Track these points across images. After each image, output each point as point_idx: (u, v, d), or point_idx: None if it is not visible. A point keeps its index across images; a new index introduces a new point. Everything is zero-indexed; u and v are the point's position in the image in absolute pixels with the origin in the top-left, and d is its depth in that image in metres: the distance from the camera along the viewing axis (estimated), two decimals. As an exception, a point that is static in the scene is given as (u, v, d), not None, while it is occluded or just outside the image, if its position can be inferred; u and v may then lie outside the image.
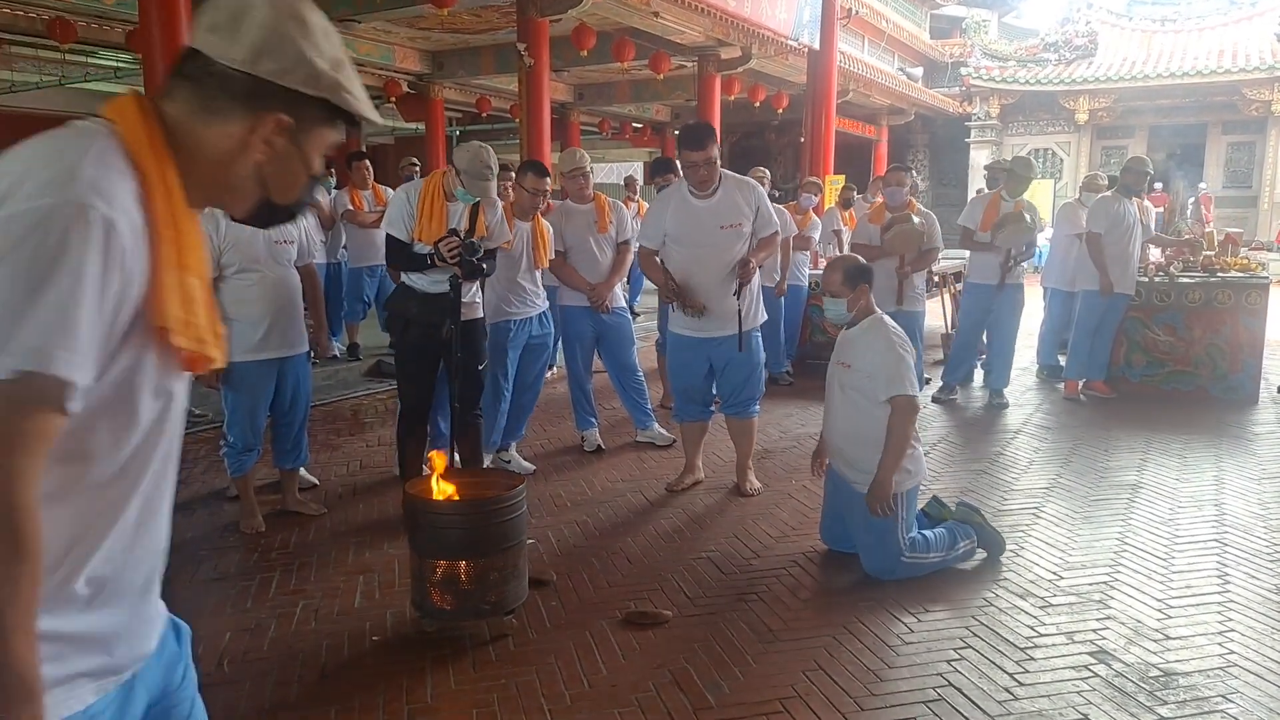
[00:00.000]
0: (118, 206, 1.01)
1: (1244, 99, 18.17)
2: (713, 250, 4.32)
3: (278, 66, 1.14)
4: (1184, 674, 2.89)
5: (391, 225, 4.20)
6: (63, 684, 1.07)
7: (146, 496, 1.15)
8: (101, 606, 1.12)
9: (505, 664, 2.94)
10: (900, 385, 3.55)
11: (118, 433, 1.08)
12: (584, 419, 5.55)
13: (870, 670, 2.89)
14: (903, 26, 19.76)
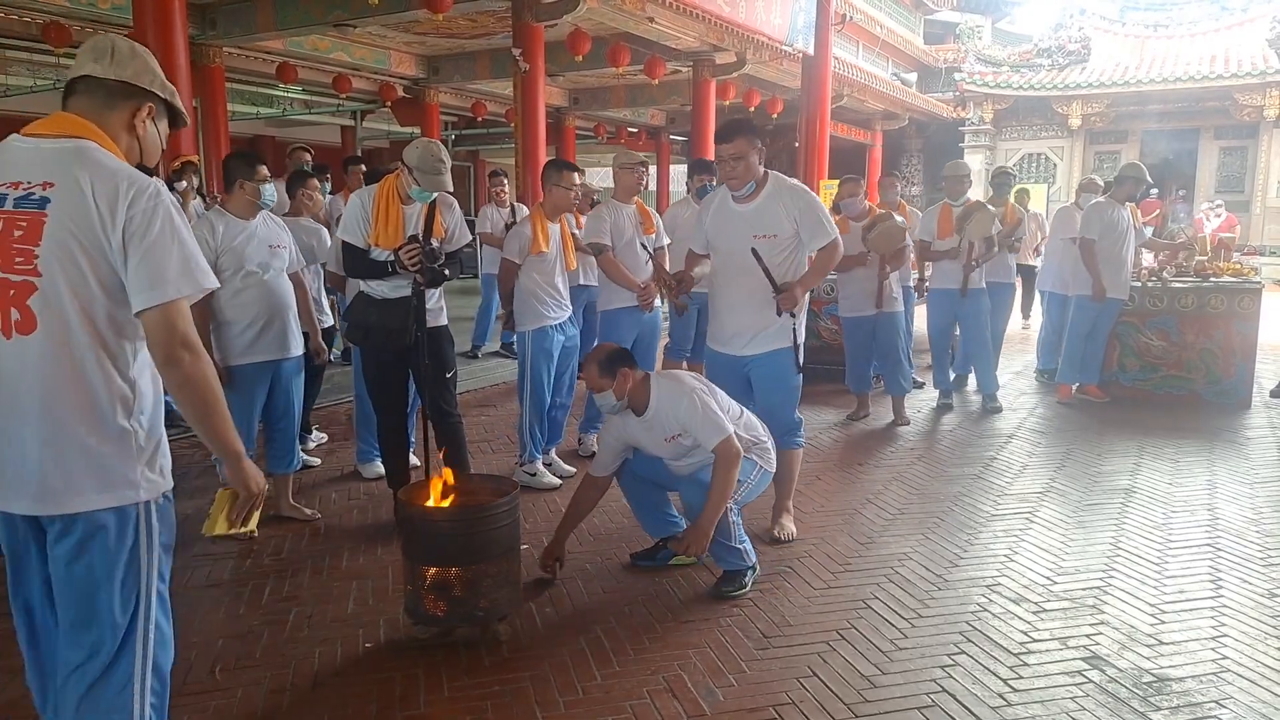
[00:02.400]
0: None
1: (1236, 104, 18.24)
2: (746, 258, 3.80)
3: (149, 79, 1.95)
4: (1177, 679, 2.89)
5: (346, 232, 4.02)
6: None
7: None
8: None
9: (499, 670, 2.93)
10: (717, 432, 3.36)
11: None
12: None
13: (864, 676, 2.89)
14: (896, 32, 19.83)
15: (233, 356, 3.98)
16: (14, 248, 1.76)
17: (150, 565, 1.91)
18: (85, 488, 1.81)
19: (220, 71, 11.28)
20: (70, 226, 1.75)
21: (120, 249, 1.77)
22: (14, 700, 2.79)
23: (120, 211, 1.76)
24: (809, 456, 5.46)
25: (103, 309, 1.79)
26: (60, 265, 1.75)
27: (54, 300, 1.76)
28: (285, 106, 16.34)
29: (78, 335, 1.77)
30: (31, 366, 1.78)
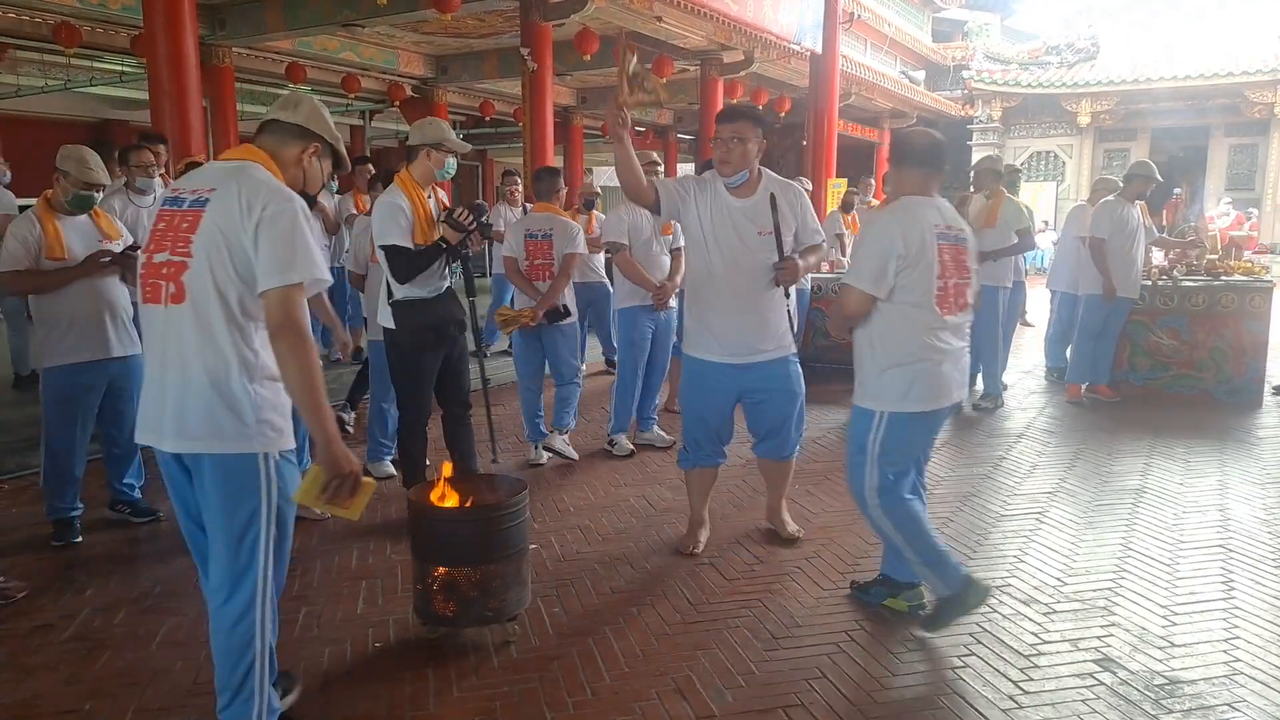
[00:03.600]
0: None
1: (1246, 101, 18.16)
2: (749, 257, 3.62)
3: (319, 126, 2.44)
4: (1189, 682, 2.88)
5: (389, 237, 3.88)
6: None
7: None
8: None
9: (508, 671, 2.93)
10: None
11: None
12: (624, 422, 5.53)
13: (874, 678, 2.89)
14: (904, 30, 19.77)
15: None
16: (180, 235, 2.23)
17: (269, 512, 2.29)
18: (209, 433, 2.22)
19: (230, 72, 11.31)
20: (219, 221, 2.19)
21: (253, 240, 2.18)
22: (26, 700, 2.80)
23: (256, 209, 2.19)
24: (817, 456, 5.46)
25: (235, 289, 2.21)
26: (207, 250, 2.20)
27: (199, 278, 2.20)
28: (294, 106, 16.36)
29: (214, 308, 2.20)
30: (178, 330, 2.23)
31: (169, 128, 6.79)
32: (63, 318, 3.92)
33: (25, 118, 14.46)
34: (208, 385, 2.21)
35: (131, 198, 5.29)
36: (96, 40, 10.61)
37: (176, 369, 2.23)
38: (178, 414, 2.23)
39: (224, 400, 2.22)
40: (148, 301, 2.28)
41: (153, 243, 2.28)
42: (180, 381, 2.23)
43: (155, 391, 2.29)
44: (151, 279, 2.26)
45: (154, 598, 3.51)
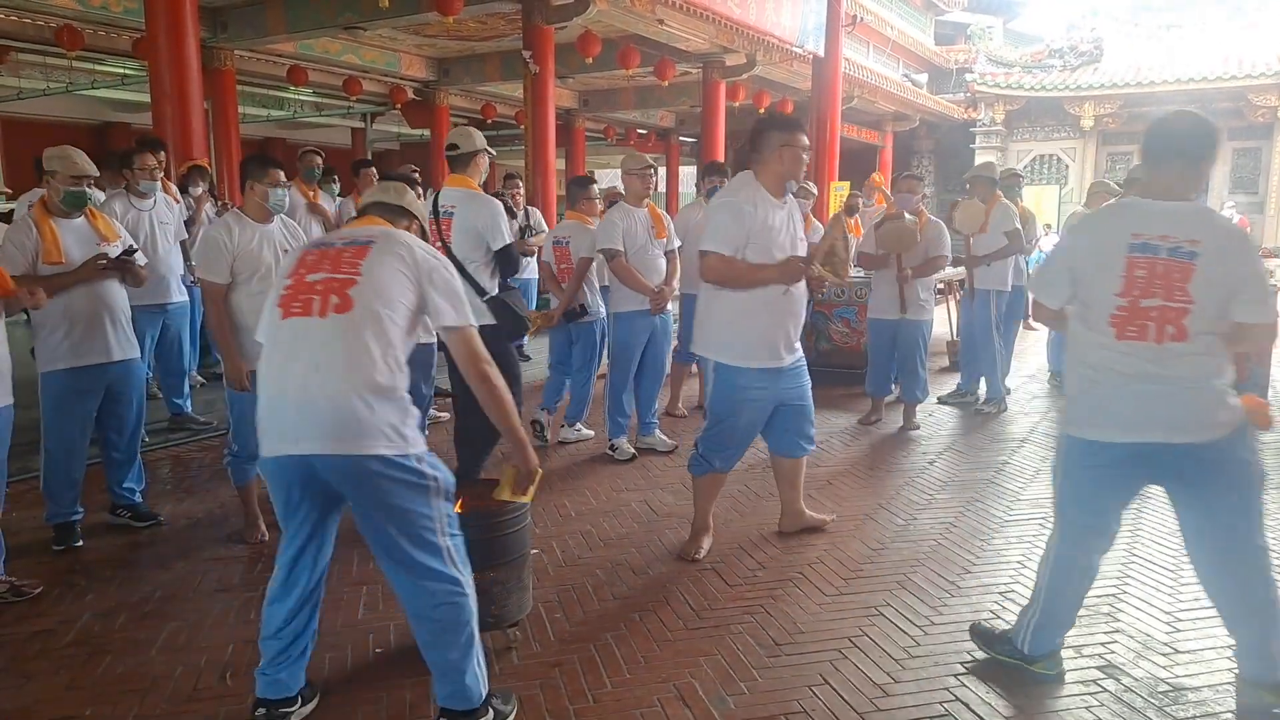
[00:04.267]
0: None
1: (1250, 105, 18.13)
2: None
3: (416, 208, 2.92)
4: (1193, 689, 2.86)
5: (504, 237, 4.28)
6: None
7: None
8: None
9: (510, 678, 2.92)
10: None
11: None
12: (622, 426, 5.53)
13: (877, 685, 2.87)
14: (907, 33, 19.78)
15: (254, 360, 3.95)
16: (343, 263, 2.47)
17: (436, 511, 2.46)
18: (380, 438, 2.35)
19: (231, 74, 11.33)
20: (396, 252, 2.51)
21: (432, 291, 2.50)
22: (26, 705, 2.80)
23: (425, 263, 2.53)
24: (821, 460, 5.45)
25: (407, 316, 2.49)
26: (374, 278, 2.45)
27: (373, 293, 2.41)
28: (296, 109, 16.39)
29: (370, 324, 2.39)
30: (336, 340, 2.37)
31: (170, 130, 6.80)
32: (62, 321, 3.89)
33: (27, 120, 14.50)
34: (361, 392, 2.37)
35: (133, 201, 5.29)
36: (98, 43, 10.63)
37: (334, 374, 2.38)
38: (330, 418, 2.35)
39: (372, 406, 2.38)
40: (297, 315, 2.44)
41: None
42: (335, 387, 2.37)
43: (303, 398, 2.38)
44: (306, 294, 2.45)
45: (154, 603, 3.50)
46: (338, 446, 2.34)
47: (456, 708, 2.50)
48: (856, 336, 7.67)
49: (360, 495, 2.40)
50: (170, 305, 5.55)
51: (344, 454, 2.34)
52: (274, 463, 2.45)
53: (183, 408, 6.00)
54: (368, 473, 2.35)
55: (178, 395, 5.98)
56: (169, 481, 5.04)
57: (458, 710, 2.50)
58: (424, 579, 2.44)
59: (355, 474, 2.36)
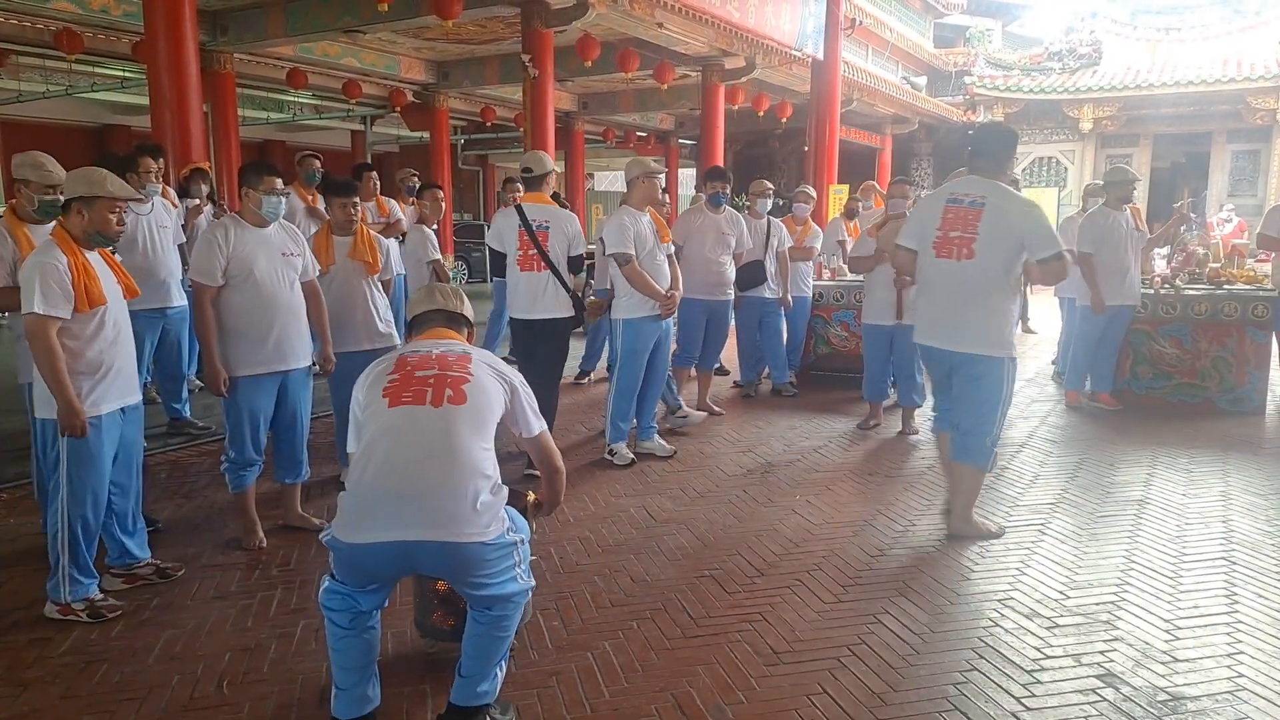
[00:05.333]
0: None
1: (1248, 108, 18.15)
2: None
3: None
4: (1192, 698, 2.85)
5: (584, 244, 5.12)
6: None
7: None
8: None
9: (507, 687, 2.90)
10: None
11: None
12: (623, 431, 5.53)
13: (875, 694, 2.86)
14: (906, 36, 19.80)
15: (239, 366, 3.96)
16: (452, 365, 2.65)
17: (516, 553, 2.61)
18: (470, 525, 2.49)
19: (231, 78, 11.32)
20: (491, 365, 2.75)
21: (513, 401, 2.76)
22: (22, 714, 2.79)
23: (507, 377, 2.75)
24: (820, 465, 5.44)
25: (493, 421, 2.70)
26: (481, 382, 2.66)
27: (480, 395, 2.62)
28: (295, 111, 16.39)
29: (476, 418, 2.60)
30: (445, 432, 2.53)
31: (169, 134, 6.79)
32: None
33: (27, 123, 14.50)
34: (468, 484, 2.53)
35: (131, 206, 5.26)
36: (98, 46, 10.62)
37: (444, 466, 2.52)
38: (438, 506, 2.48)
39: (482, 498, 2.55)
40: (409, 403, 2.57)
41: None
42: (444, 477, 2.51)
43: (417, 486, 2.50)
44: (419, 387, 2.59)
45: (151, 610, 3.49)
46: (446, 535, 2.46)
47: (467, 704, 2.58)
48: (855, 340, 7.66)
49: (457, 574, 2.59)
50: (170, 310, 5.54)
51: (451, 541, 2.47)
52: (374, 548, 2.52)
53: (181, 412, 5.99)
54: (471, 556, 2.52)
55: (176, 400, 5.98)
56: (166, 487, 5.03)
57: (465, 707, 2.58)
58: (496, 605, 2.57)
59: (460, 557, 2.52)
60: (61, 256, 3.24)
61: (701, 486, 5.04)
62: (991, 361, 4.02)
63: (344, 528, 2.49)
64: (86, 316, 3.28)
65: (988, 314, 3.97)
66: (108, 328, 3.38)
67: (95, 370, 3.34)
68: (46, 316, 3.16)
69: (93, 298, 3.28)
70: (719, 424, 6.53)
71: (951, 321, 4.08)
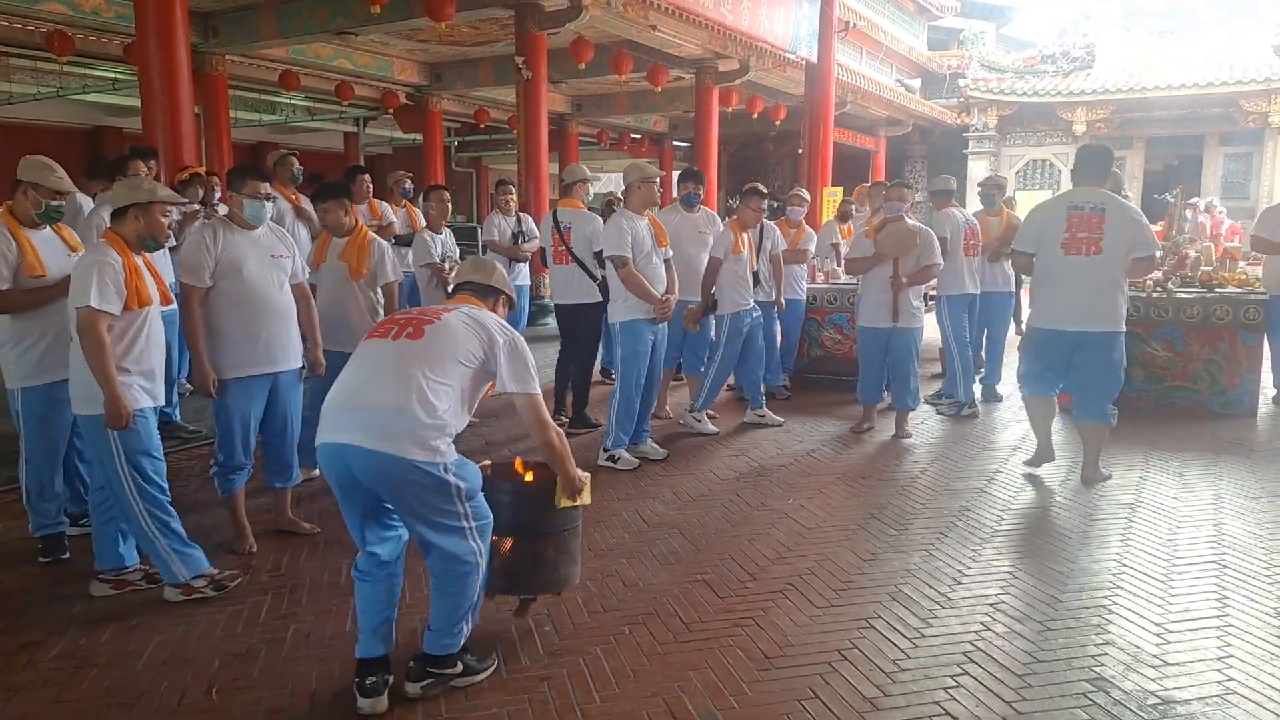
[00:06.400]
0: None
1: (1241, 111, 18.20)
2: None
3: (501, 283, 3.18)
4: (1183, 702, 2.86)
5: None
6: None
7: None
8: None
9: (498, 692, 2.90)
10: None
11: None
12: (623, 437, 5.53)
13: (866, 699, 2.86)
14: (900, 39, 19.82)
15: (227, 369, 3.94)
16: (428, 312, 2.93)
17: (458, 502, 2.78)
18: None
19: (223, 80, 11.29)
20: (476, 319, 2.90)
21: (500, 355, 2.88)
22: (17, 717, 2.77)
23: (500, 336, 2.89)
24: (813, 468, 5.45)
25: (474, 369, 2.86)
26: (449, 325, 2.85)
27: (443, 337, 2.81)
28: (288, 113, 16.35)
29: (439, 359, 2.79)
30: (399, 359, 2.77)
31: (161, 136, 6.76)
32: (41, 336, 3.83)
33: (17, 125, 14.43)
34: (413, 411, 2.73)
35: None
36: (90, 48, 10.59)
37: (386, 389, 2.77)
38: (374, 420, 2.74)
39: (415, 420, 2.72)
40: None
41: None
42: (388, 399, 2.75)
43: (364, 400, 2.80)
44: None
45: (141, 615, 3.48)
46: (373, 444, 2.69)
47: (435, 653, 2.87)
48: (848, 343, 7.67)
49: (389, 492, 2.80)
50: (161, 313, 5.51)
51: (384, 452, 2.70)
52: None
53: (171, 415, 5.97)
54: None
55: (166, 403, 5.94)
56: (158, 490, 5.00)
57: (435, 656, 2.87)
58: (441, 560, 2.81)
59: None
60: (117, 257, 3.42)
61: (694, 490, 5.04)
62: (1118, 336, 5.00)
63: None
64: (133, 315, 3.47)
65: (1114, 298, 4.92)
66: (149, 329, 3.55)
67: (137, 368, 3.50)
68: (100, 311, 3.32)
69: (142, 298, 3.48)
70: (712, 427, 6.52)
71: (1085, 306, 4.91)
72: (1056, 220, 5.03)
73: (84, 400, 3.47)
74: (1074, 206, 4.98)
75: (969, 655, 3.14)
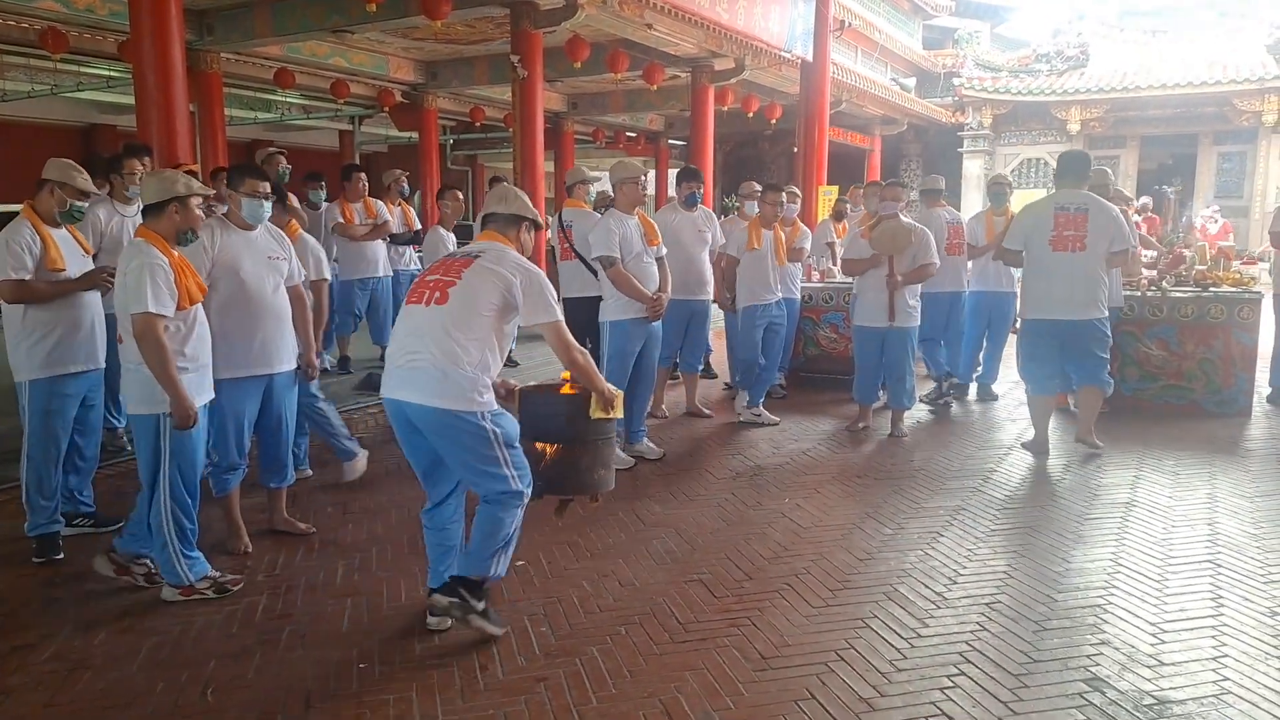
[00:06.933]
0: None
1: (1234, 110, 18.25)
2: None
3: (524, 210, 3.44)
4: (1178, 702, 2.86)
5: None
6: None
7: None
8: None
9: (494, 693, 2.90)
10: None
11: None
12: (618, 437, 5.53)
13: (863, 699, 2.86)
14: (895, 37, 19.83)
15: (223, 369, 3.92)
16: (452, 270, 3.23)
17: (497, 447, 3.15)
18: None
19: (218, 78, 11.24)
20: (491, 267, 3.21)
21: (518, 294, 3.19)
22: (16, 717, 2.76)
23: (515, 276, 3.20)
24: (809, 468, 5.45)
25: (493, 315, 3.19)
26: (469, 283, 3.18)
27: (466, 295, 3.15)
28: (283, 111, 16.30)
29: (465, 317, 3.15)
30: (434, 324, 3.13)
31: (156, 134, 6.73)
32: (52, 330, 3.94)
33: (11, 122, 14.36)
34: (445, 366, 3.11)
35: (117, 207, 5.23)
36: (84, 45, 10.53)
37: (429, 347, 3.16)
38: (425, 380, 3.13)
39: (453, 375, 3.11)
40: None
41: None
42: (430, 358, 3.13)
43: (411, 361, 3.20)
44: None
45: (134, 617, 3.46)
46: (420, 398, 3.12)
47: (467, 574, 3.22)
48: (844, 342, 7.67)
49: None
50: None
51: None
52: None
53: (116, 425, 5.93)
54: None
55: None
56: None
57: (466, 578, 3.21)
58: (487, 495, 3.18)
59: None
60: (162, 256, 3.43)
61: (690, 490, 5.04)
62: (1104, 320, 5.52)
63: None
64: (185, 314, 3.51)
65: (1098, 289, 5.42)
66: (198, 324, 3.61)
67: (191, 365, 3.55)
68: (158, 315, 3.36)
69: (192, 296, 3.52)
70: (707, 426, 6.53)
71: (1073, 297, 5.39)
72: (1045, 220, 5.49)
73: (137, 400, 3.51)
74: (1060, 207, 5.45)
75: (965, 655, 3.15)
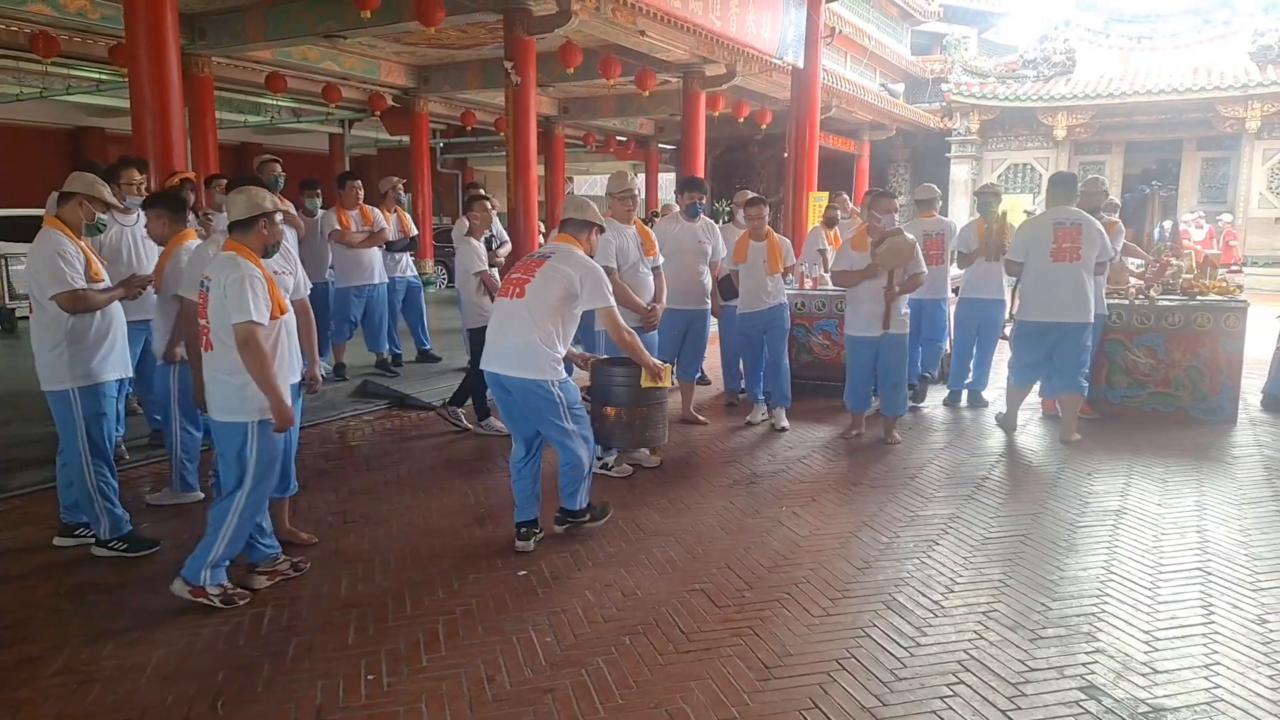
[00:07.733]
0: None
1: (1218, 116, 18.48)
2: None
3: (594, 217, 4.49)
4: (1172, 709, 2.93)
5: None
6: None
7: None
8: None
9: (502, 704, 2.94)
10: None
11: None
12: None
13: (866, 708, 2.92)
14: (884, 43, 19.98)
15: None
16: (530, 269, 4.16)
17: (567, 408, 4.19)
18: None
19: (209, 82, 11.24)
20: (558, 266, 4.13)
21: (579, 287, 4.14)
22: (16, 737, 2.78)
23: (576, 272, 4.13)
24: (803, 476, 5.50)
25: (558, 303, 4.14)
26: (541, 279, 4.13)
27: (538, 290, 4.09)
28: (273, 115, 16.27)
29: (538, 308, 4.09)
30: (517, 313, 4.11)
31: (151, 141, 6.74)
32: (102, 337, 4.08)
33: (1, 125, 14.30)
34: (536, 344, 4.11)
35: (116, 217, 5.24)
36: (74, 49, 10.51)
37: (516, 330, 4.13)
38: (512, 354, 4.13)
39: (539, 349, 4.10)
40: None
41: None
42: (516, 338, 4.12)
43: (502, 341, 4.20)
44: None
45: (142, 628, 3.48)
46: (509, 370, 4.12)
47: (568, 507, 4.43)
48: (837, 349, 7.74)
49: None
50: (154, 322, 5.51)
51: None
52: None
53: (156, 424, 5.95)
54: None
55: (159, 412, 5.93)
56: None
57: (569, 510, 4.44)
58: (558, 440, 4.23)
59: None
60: (256, 268, 3.56)
61: (688, 498, 5.09)
62: (1091, 325, 6.19)
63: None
64: (275, 324, 3.63)
65: (1089, 295, 6.09)
66: (284, 334, 3.72)
67: (281, 372, 3.65)
68: (260, 324, 3.49)
69: (280, 306, 3.65)
70: (703, 434, 6.58)
71: (1069, 302, 6.03)
72: (1045, 234, 6.13)
73: (224, 408, 3.61)
74: (1058, 222, 6.13)
75: (964, 664, 3.21)
